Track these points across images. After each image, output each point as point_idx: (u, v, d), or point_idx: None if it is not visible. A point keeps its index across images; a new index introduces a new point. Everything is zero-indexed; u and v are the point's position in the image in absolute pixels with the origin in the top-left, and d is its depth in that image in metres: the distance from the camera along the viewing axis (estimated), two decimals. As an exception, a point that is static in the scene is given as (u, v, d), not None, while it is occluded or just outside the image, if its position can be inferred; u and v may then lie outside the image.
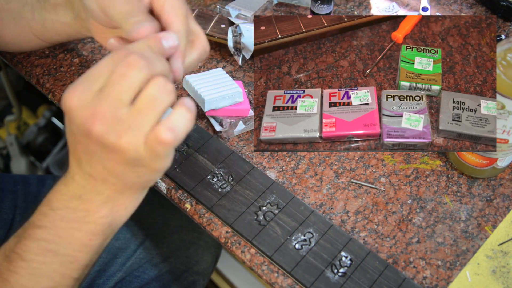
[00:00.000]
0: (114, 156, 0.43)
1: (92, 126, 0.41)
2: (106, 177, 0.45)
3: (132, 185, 0.47)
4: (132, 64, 0.41)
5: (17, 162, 1.41)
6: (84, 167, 0.45)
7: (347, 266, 0.55)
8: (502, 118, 0.56)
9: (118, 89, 0.41)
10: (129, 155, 0.42)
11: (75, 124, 0.42)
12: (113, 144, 0.41)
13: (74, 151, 0.45)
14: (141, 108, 0.41)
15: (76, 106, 0.41)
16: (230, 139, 0.69)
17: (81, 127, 0.42)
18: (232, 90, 0.68)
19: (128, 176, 0.45)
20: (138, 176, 0.45)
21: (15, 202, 0.81)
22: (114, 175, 0.45)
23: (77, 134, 0.43)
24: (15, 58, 0.78)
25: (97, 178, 0.45)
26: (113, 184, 0.46)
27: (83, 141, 0.43)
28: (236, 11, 0.81)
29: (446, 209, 0.62)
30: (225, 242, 0.60)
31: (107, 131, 0.41)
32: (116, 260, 0.79)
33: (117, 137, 0.41)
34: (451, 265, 0.57)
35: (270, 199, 0.61)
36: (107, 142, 0.41)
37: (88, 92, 0.41)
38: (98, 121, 0.41)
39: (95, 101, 0.41)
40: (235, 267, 1.28)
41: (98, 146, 0.42)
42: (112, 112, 0.41)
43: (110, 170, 0.44)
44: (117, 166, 0.44)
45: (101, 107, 0.41)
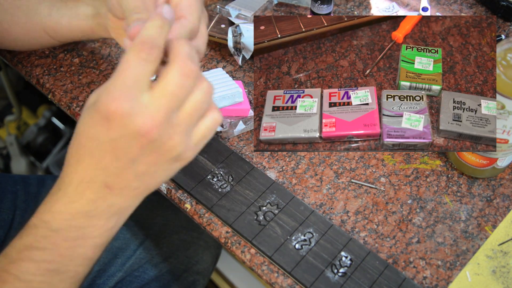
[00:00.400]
0: (154, 157, 0.43)
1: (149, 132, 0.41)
2: (128, 184, 0.44)
3: (152, 185, 0.46)
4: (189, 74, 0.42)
5: (17, 162, 1.41)
6: (101, 178, 0.43)
7: (347, 266, 0.55)
8: (502, 118, 0.56)
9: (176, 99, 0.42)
10: (176, 152, 0.43)
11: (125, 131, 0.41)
12: (163, 146, 0.42)
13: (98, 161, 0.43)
14: (191, 113, 0.43)
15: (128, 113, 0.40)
16: (230, 139, 0.69)
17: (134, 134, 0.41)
18: (232, 90, 0.68)
19: (157, 175, 0.45)
20: (166, 174, 0.45)
21: (15, 202, 0.81)
22: (141, 178, 0.44)
23: (121, 141, 0.41)
24: (15, 58, 0.78)
25: (114, 187, 0.44)
26: (133, 190, 0.45)
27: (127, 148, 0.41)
28: (236, 11, 0.81)
29: (446, 209, 0.62)
30: (225, 242, 0.60)
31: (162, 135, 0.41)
32: (116, 260, 0.79)
33: (168, 139, 0.42)
34: (451, 265, 0.57)
35: (270, 199, 0.61)
36: (157, 145, 0.42)
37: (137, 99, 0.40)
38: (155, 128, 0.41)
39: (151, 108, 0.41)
40: (235, 267, 1.28)
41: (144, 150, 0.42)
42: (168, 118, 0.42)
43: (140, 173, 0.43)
44: (151, 167, 0.43)
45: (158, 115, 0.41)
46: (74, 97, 0.73)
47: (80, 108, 0.72)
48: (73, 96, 0.73)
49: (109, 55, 0.79)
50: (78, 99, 0.73)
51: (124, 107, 0.40)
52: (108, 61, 0.78)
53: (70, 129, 1.45)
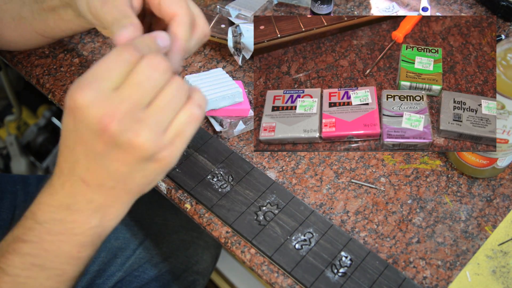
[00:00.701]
0: (123, 156, 0.41)
1: (108, 125, 0.39)
2: (103, 181, 0.43)
3: (132, 187, 0.45)
4: (158, 66, 0.41)
5: (17, 162, 1.41)
6: (78, 172, 0.43)
7: (347, 266, 0.55)
8: (502, 118, 0.56)
9: (141, 90, 0.40)
10: (145, 151, 0.41)
11: (84, 122, 0.40)
12: (129, 142, 0.40)
13: (71, 153, 0.43)
14: (161, 107, 0.41)
15: (89, 103, 0.39)
16: (230, 139, 0.69)
17: (93, 126, 0.40)
18: (232, 90, 0.68)
19: (133, 177, 0.43)
20: (144, 176, 0.44)
21: (15, 202, 0.81)
22: (114, 178, 0.43)
23: (84, 133, 0.41)
24: (15, 58, 0.78)
25: (90, 183, 0.43)
26: (109, 189, 0.44)
27: (89, 140, 0.41)
28: (236, 11, 0.81)
29: (446, 209, 0.62)
30: (225, 242, 0.60)
31: (125, 130, 0.40)
32: (116, 260, 0.79)
33: (135, 135, 0.40)
34: (451, 265, 0.57)
35: (270, 199, 0.61)
36: (122, 141, 0.40)
37: (102, 91, 0.39)
38: (116, 121, 0.39)
39: (112, 100, 0.40)
40: (235, 267, 1.28)
41: (107, 145, 0.40)
42: (132, 113, 0.40)
43: (112, 172, 0.42)
44: (122, 167, 0.42)
45: (120, 107, 0.39)
46: (74, 97, 0.73)
47: (80, 108, 0.72)
48: (73, 96, 0.73)
49: (109, 55, 0.79)
50: (78, 99, 0.73)
51: (86, 97, 0.39)
52: (108, 61, 0.78)
53: (70, 129, 1.45)
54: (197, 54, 0.79)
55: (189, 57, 0.79)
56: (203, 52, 0.79)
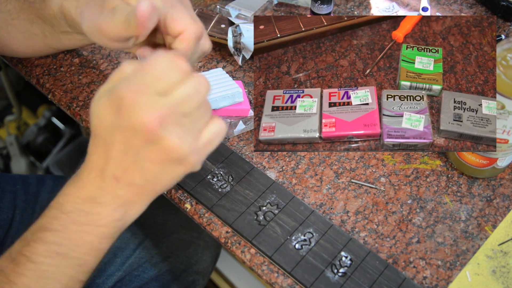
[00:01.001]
0: (160, 156, 0.44)
1: (155, 128, 0.42)
2: (134, 180, 0.46)
3: (158, 187, 0.47)
4: (202, 85, 0.45)
5: (17, 162, 1.41)
6: (112, 168, 0.45)
7: (347, 266, 0.55)
8: (502, 118, 0.56)
9: (190, 102, 0.44)
10: (181, 153, 0.44)
11: (131, 120, 0.42)
12: (168, 142, 0.43)
13: (108, 150, 0.45)
14: (197, 116, 0.45)
15: (141, 107, 0.42)
16: (230, 139, 0.69)
17: (139, 126, 0.42)
18: (232, 90, 0.68)
19: (162, 177, 0.46)
20: (172, 176, 0.47)
21: (15, 201, 0.81)
22: (147, 177, 0.46)
23: (128, 130, 0.43)
24: (15, 58, 0.78)
25: (121, 181, 0.45)
26: (139, 187, 0.46)
27: (132, 137, 0.43)
28: (236, 11, 0.81)
29: (446, 209, 0.62)
30: (225, 242, 0.60)
31: (167, 131, 0.43)
32: (116, 260, 0.79)
33: (175, 137, 0.43)
34: (451, 265, 0.57)
35: (270, 199, 0.61)
36: (163, 140, 0.43)
37: (153, 97, 0.42)
38: (163, 125, 0.42)
39: (163, 105, 0.42)
40: (235, 267, 1.28)
41: (148, 143, 0.43)
42: (177, 119, 0.43)
43: (145, 171, 0.45)
44: (155, 166, 0.45)
45: (168, 112, 0.43)
46: (74, 97, 0.73)
47: (80, 108, 0.72)
48: (73, 96, 0.73)
49: (109, 55, 0.79)
50: (78, 99, 0.73)
51: (137, 99, 0.42)
52: (108, 61, 0.78)
53: (70, 129, 1.45)
54: (197, 54, 0.79)
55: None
56: (203, 52, 0.79)
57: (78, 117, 0.72)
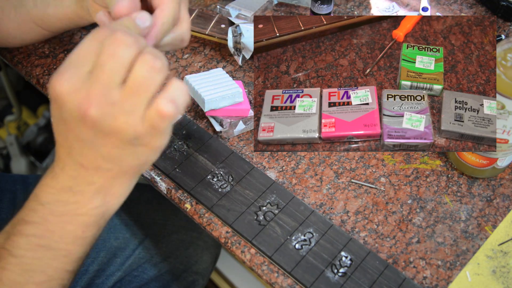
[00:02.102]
0: (110, 140, 0.42)
1: (87, 111, 0.40)
2: (99, 164, 0.44)
3: (128, 168, 0.45)
4: (120, 41, 0.40)
5: (17, 162, 1.41)
6: (75, 156, 0.44)
7: (347, 266, 0.55)
8: (502, 118, 0.56)
9: (109, 69, 0.40)
10: (127, 135, 0.41)
11: (67, 110, 0.41)
12: (110, 127, 0.41)
13: (65, 140, 0.44)
14: (133, 89, 0.41)
15: (67, 91, 0.40)
16: (230, 139, 0.69)
17: (74, 113, 0.40)
18: (232, 90, 0.68)
19: (125, 159, 0.44)
20: (137, 157, 0.44)
21: (14, 201, 0.81)
22: (109, 160, 0.44)
23: (69, 121, 0.41)
24: (15, 58, 0.78)
25: (88, 167, 0.44)
26: (107, 171, 0.44)
27: (76, 127, 0.42)
28: (236, 11, 0.81)
29: (446, 209, 0.62)
30: (225, 242, 0.60)
31: (103, 114, 0.40)
32: (115, 260, 0.79)
33: (113, 119, 0.40)
34: (451, 265, 0.57)
35: (270, 199, 0.61)
36: (103, 125, 0.41)
37: (78, 76, 0.40)
38: (92, 105, 0.40)
39: (87, 84, 0.40)
40: (235, 267, 1.28)
41: (92, 130, 0.41)
42: (106, 95, 0.40)
43: (105, 155, 0.43)
44: (113, 150, 0.43)
45: (93, 90, 0.40)
46: (73, 97, 0.73)
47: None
48: (73, 96, 0.73)
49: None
50: (78, 99, 0.73)
51: (63, 84, 0.40)
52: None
53: (70, 129, 1.45)
54: (197, 54, 0.79)
55: (189, 57, 0.79)
56: (203, 52, 0.79)
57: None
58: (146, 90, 0.41)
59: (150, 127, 0.42)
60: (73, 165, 0.44)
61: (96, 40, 0.41)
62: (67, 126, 0.42)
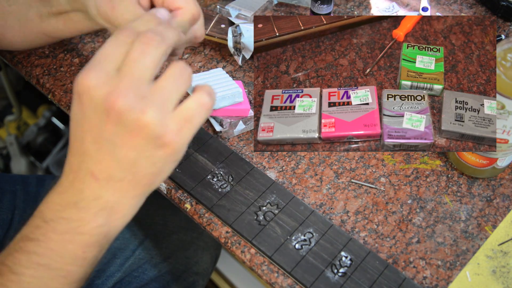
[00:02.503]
0: (132, 139, 0.41)
1: (114, 102, 0.40)
2: (112, 172, 0.43)
3: (141, 178, 0.44)
4: (149, 40, 0.41)
5: (17, 162, 1.41)
6: (87, 164, 0.43)
7: (347, 266, 0.55)
8: (502, 118, 0.56)
9: (139, 66, 0.41)
10: (153, 132, 0.41)
11: (92, 104, 0.40)
12: (136, 121, 0.40)
13: (80, 144, 0.43)
14: (164, 85, 0.41)
15: (95, 85, 0.40)
16: (230, 139, 0.69)
17: (100, 106, 0.40)
18: (232, 90, 0.68)
19: (141, 165, 0.43)
20: (153, 163, 0.43)
21: (14, 202, 0.81)
22: (123, 166, 0.43)
23: (92, 117, 0.41)
24: (15, 58, 0.78)
25: (99, 177, 0.43)
26: (118, 181, 0.43)
27: (98, 124, 0.41)
28: (236, 11, 0.81)
29: (446, 209, 0.62)
30: (225, 242, 0.60)
31: (131, 107, 0.40)
32: (115, 260, 0.79)
33: (141, 113, 0.40)
34: (451, 265, 0.57)
35: (270, 199, 0.61)
36: (129, 120, 0.40)
37: (105, 72, 0.40)
38: (121, 96, 0.39)
39: (115, 79, 0.40)
40: (235, 267, 1.28)
41: (116, 126, 0.41)
42: (135, 89, 0.40)
43: (121, 159, 0.42)
44: (131, 152, 0.42)
45: (123, 83, 0.40)
46: (73, 97, 0.73)
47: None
48: (73, 96, 0.73)
49: (108, 55, 0.79)
50: (78, 99, 0.73)
51: (91, 79, 0.40)
52: (108, 61, 0.78)
53: (70, 129, 1.45)
54: (197, 54, 0.79)
55: (189, 57, 0.79)
56: (203, 52, 0.79)
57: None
58: (177, 88, 0.42)
59: (177, 125, 0.42)
60: (82, 176, 0.44)
61: (122, 41, 0.42)
62: (87, 125, 0.42)
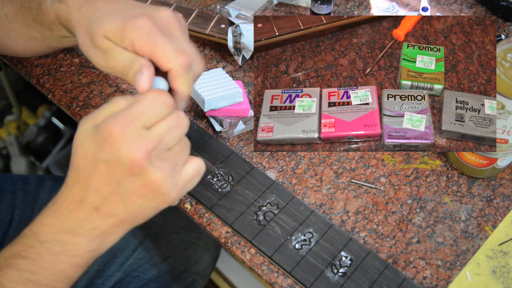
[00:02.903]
0: (145, 189, 0.45)
1: (142, 161, 0.43)
2: (116, 212, 0.46)
3: (137, 220, 0.49)
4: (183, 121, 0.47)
5: (17, 162, 1.41)
6: (92, 199, 0.46)
7: (347, 266, 0.55)
8: (502, 118, 0.56)
9: (171, 136, 0.46)
10: (165, 188, 0.45)
11: (117, 153, 0.43)
12: (155, 178, 0.44)
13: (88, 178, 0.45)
14: (178, 151, 0.47)
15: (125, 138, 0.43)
16: (230, 139, 0.69)
17: (126, 158, 0.43)
18: (232, 90, 0.68)
19: (144, 210, 0.47)
20: (153, 210, 0.48)
21: (14, 202, 0.81)
22: (129, 210, 0.46)
23: (114, 164, 0.44)
24: (15, 58, 0.78)
25: (102, 212, 0.46)
26: (119, 219, 0.47)
27: (117, 171, 0.44)
28: (236, 11, 0.81)
29: (446, 209, 0.62)
30: (225, 242, 0.60)
31: (154, 165, 0.44)
32: (115, 260, 0.78)
33: (160, 172, 0.45)
34: (451, 265, 0.57)
35: (270, 199, 0.61)
36: (150, 176, 0.44)
37: (136, 128, 0.44)
38: (148, 158, 0.44)
39: (146, 137, 0.44)
40: (235, 267, 1.28)
41: (135, 177, 0.44)
42: (161, 151, 0.45)
43: (129, 203, 0.46)
44: (139, 199, 0.46)
45: (152, 144, 0.44)
46: (74, 97, 0.73)
47: (80, 108, 0.72)
48: (73, 96, 0.73)
49: (108, 55, 0.78)
50: (78, 99, 0.73)
51: (123, 132, 0.43)
52: (108, 61, 0.78)
53: (70, 129, 1.45)
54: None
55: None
56: (203, 52, 0.79)
57: (78, 117, 0.72)
58: (184, 156, 0.48)
59: (181, 185, 0.47)
60: (85, 208, 0.46)
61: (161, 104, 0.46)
62: (106, 167, 0.44)
